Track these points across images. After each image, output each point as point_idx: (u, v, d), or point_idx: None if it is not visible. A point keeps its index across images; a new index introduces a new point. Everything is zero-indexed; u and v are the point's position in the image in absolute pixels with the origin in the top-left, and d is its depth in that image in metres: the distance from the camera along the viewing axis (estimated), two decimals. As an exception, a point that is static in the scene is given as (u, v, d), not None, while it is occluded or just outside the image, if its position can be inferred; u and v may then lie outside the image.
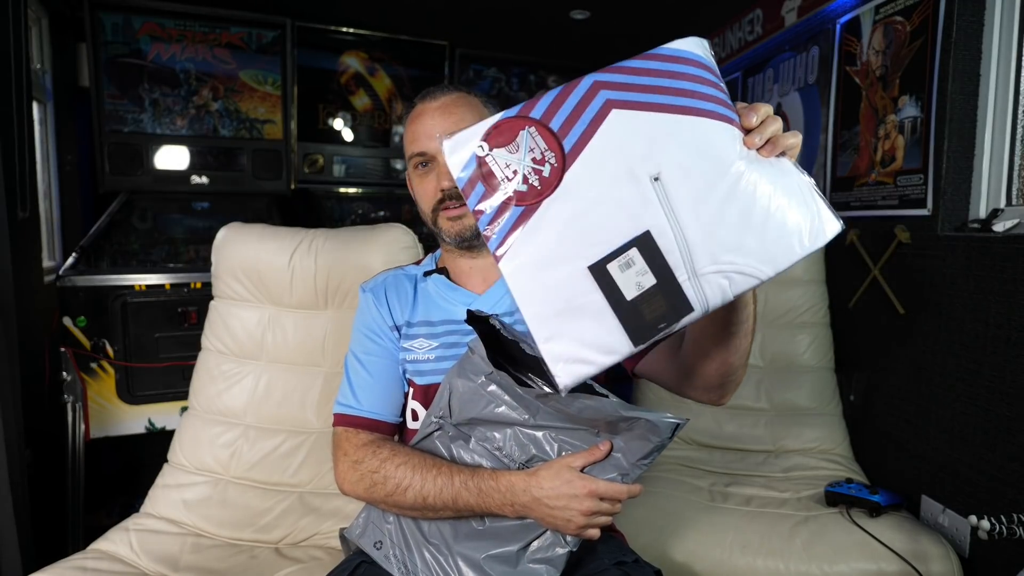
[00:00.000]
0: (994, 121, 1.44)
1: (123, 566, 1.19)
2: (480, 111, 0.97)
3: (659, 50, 0.62)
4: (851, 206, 1.81)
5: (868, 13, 1.74)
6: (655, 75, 0.60)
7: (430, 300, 1.02)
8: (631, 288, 0.58)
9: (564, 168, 0.59)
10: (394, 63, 2.91)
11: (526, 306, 0.59)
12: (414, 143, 0.97)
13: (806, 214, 0.61)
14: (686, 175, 0.59)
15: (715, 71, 0.63)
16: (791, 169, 0.63)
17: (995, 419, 1.32)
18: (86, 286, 2.02)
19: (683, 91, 0.60)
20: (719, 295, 0.59)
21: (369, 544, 0.88)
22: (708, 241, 0.59)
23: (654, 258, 0.58)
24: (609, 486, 0.77)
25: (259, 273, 1.45)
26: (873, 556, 1.27)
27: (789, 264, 0.60)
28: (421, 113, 0.97)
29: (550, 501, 0.77)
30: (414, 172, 0.99)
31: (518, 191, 0.59)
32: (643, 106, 0.60)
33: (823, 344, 1.81)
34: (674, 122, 0.60)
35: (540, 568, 0.79)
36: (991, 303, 1.33)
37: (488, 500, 0.80)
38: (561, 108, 0.60)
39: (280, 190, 2.68)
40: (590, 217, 0.59)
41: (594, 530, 0.80)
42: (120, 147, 2.41)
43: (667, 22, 2.56)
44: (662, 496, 1.48)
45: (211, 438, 1.41)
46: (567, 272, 0.59)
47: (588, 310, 0.59)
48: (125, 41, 2.37)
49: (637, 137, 0.59)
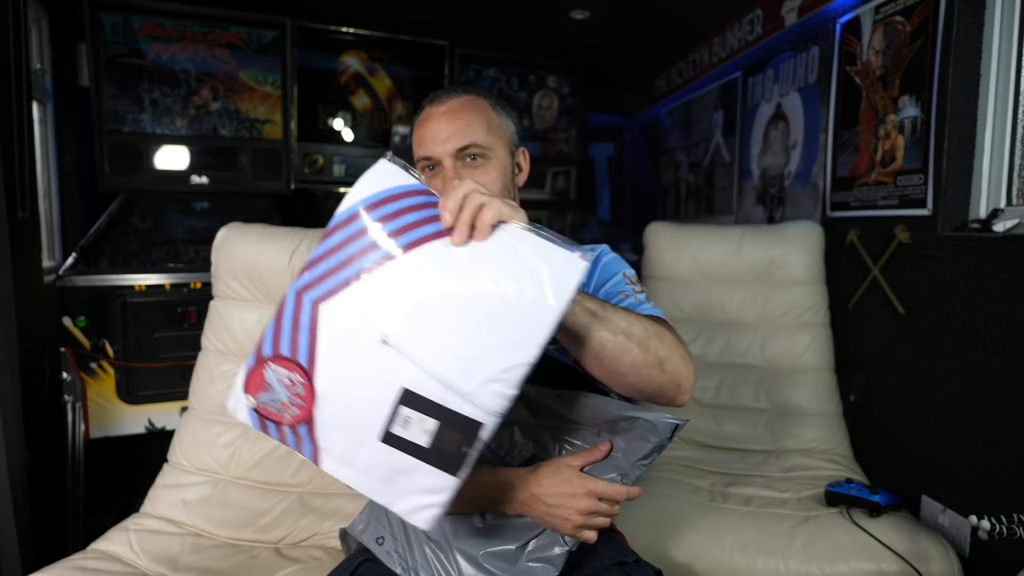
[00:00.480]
0: (994, 121, 1.44)
1: (123, 566, 1.19)
2: (487, 114, 0.96)
3: (333, 220, 0.66)
4: (851, 206, 1.81)
5: (868, 13, 1.74)
6: (338, 250, 0.64)
7: None
8: (422, 437, 0.63)
9: (311, 379, 0.64)
10: (394, 63, 2.91)
11: (360, 488, 0.66)
12: (420, 147, 0.97)
13: (539, 278, 0.62)
14: (406, 323, 0.63)
15: (396, 195, 0.66)
16: (509, 239, 0.64)
17: (995, 419, 1.31)
18: (86, 286, 2.01)
19: (367, 247, 0.64)
20: (500, 399, 0.62)
21: (371, 540, 0.88)
22: (459, 365, 0.62)
23: (424, 405, 0.62)
24: (608, 486, 0.77)
25: (259, 273, 1.45)
26: (873, 556, 1.27)
27: (549, 332, 0.61)
28: (428, 117, 0.96)
29: (548, 499, 0.77)
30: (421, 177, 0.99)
31: (294, 415, 0.65)
32: (340, 287, 0.63)
33: (823, 344, 1.81)
34: (370, 284, 0.63)
35: (538, 567, 0.79)
36: (991, 303, 1.33)
37: (486, 496, 0.80)
38: (281, 333, 0.65)
39: (280, 190, 2.68)
40: (355, 402, 0.64)
41: (591, 532, 0.79)
42: (120, 147, 2.40)
43: (667, 22, 2.56)
44: (662, 496, 1.48)
45: (211, 438, 1.41)
46: (368, 450, 0.64)
47: (403, 469, 0.64)
48: (125, 41, 2.37)
49: (350, 316, 0.63)
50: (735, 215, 2.57)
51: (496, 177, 0.94)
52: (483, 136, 0.94)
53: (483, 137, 0.94)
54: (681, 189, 3.18)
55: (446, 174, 0.93)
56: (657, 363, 0.76)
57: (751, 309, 1.87)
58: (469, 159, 0.93)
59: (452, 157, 0.93)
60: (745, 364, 1.84)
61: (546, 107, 3.25)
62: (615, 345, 0.73)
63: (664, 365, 0.76)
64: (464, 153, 0.93)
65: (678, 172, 3.21)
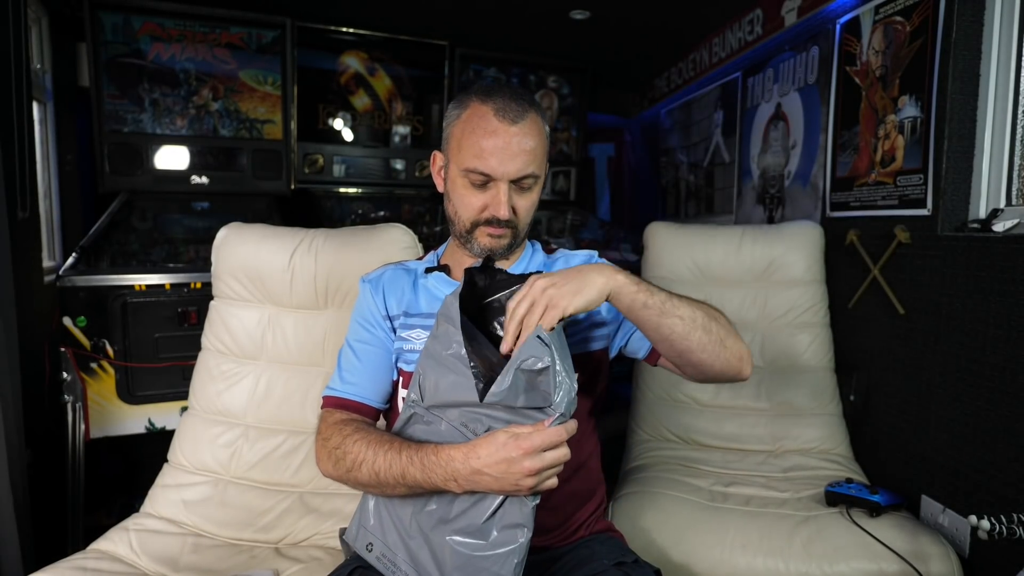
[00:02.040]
0: (994, 121, 1.44)
1: (123, 566, 1.19)
2: (545, 140, 0.99)
3: None
4: (851, 206, 1.81)
5: (868, 13, 1.74)
6: None
7: (430, 294, 1.04)
8: None
9: None
10: (394, 63, 2.91)
11: None
12: (478, 160, 0.93)
13: None
14: None
15: None
16: None
17: (995, 419, 1.32)
18: (86, 286, 2.01)
19: None
20: None
21: (362, 547, 0.88)
22: None
23: None
24: (542, 436, 0.74)
25: (259, 273, 1.45)
26: (873, 556, 1.27)
27: None
28: (495, 131, 0.92)
29: (489, 470, 0.74)
30: (463, 181, 0.97)
31: None
32: None
33: (823, 344, 1.81)
34: None
35: (513, 532, 0.77)
36: (991, 303, 1.33)
37: (432, 474, 0.78)
38: None
39: (280, 190, 2.68)
40: None
41: (550, 482, 0.76)
42: (120, 147, 2.41)
43: (667, 22, 2.56)
44: (661, 496, 1.48)
45: (211, 438, 1.41)
46: None
47: None
48: (125, 41, 2.37)
49: None
50: (735, 215, 2.57)
51: (536, 199, 1.00)
52: (539, 165, 0.97)
53: (539, 166, 0.97)
54: (681, 189, 3.18)
55: (499, 197, 0.95)
56: (719, 341, 0.90)
57: (751, 309, 1.87)
58: (524, 188, 0.97)
59: (509, 181, 0.95)
60: (745, 364, 1.84)
61: (546, 107, 3.25)
62: (683, 328, 0.87)
63: (725, 342, 0.90)
64: (523, 180, 0.96)
65: (678, 172, 3.21)
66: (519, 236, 1.01)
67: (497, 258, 1.00)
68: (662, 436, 1.79)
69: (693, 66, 2.89)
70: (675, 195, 3.25)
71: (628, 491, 1.51)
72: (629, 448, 1.80)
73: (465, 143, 0.95)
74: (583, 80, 3.27)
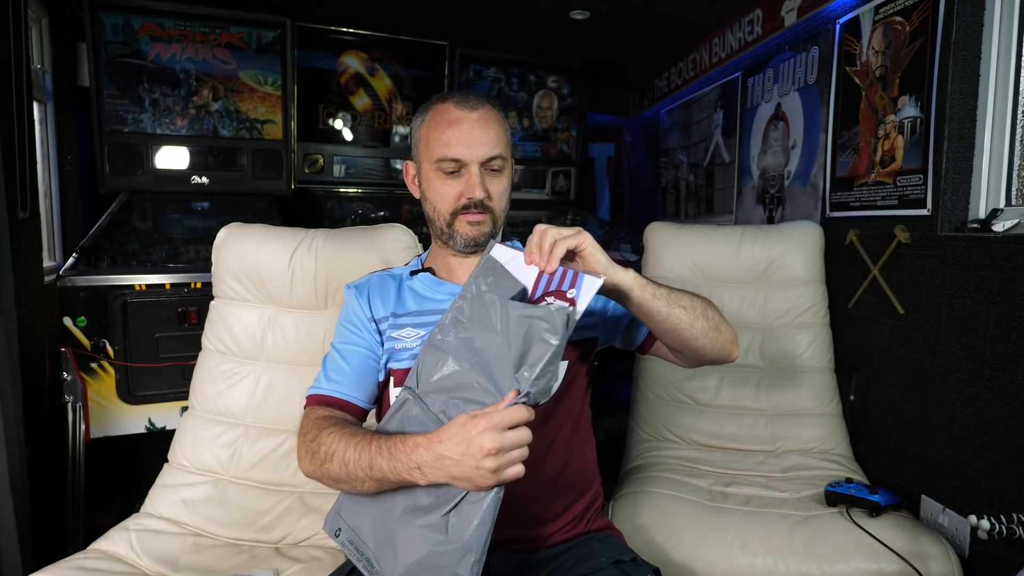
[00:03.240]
0: (994, 121, 1.44)
1: (123, 566, 1.19)
2: (504, 127, 1.04)
3: None
4: (851, 206, 1.81)
5: (868, 13, 1.74)
6: None
7: (417, 295, 1.06)
8: None
9: None
10: (394, 63, 2.91)
11: None
12: (446, 148, 0.99)
13: None
14: None
15: None
16: None
17: (995, 419, 1.32)
18: (86, 286, 2.01)
19: None
20: None
21: (331, 532, 0.88)
22: None
23: None
24: (501, 415, 0.71)
25: (259, 273, 1.45)
26: (873, 556, 1.27)
27: None
28: (458, 120, 0.99)
29: (451, 452, 0.72)
30: (436, 174, 1.01)
31: None
32: None
33: (823, 344, 1.81)
34: None
35: (473, 528, 0.75)
36: (991, 303, 1.33)
37: (398, 464, 0.77)
38: None
39: (280, 190, 2.68)
40: None
41: (513, 469, 0.73)
42: (120, 147, 2.41)
43: (667, 22, 2.56)
44: (661, 495, 1.48)
45: (211, 438, 1.41)
46: None
47: None
48: (125, 41, 2.37)
49: None
50: (735, 215, 2.57)
51: (508, 185, 1.04)
52: (504, 148, 1.03)
53: (504, 149, 1.03)
54: (681, 189, 3.18)
55: (472, 179, 0.99)
56: (715, 327, 0.96)
57: (751, 309, 1.87)
58: (493, 169, 1.01)
59: (479, 164, 0.99)
60: (745, 364, 1.84)
61: (546, 107, 3.25)
62: (688, 317, 0.92)
63: (719, 327, 0.97)
64: (491, 162, 1.00)
65: (678, 172, 3.21)
66: (497, 223, 1.04)
67: (476, 247, 1.03)
68: (662, 436, 1.80)
69: (693, 66, 2.89)
70: (675, 195, 3.25)
71: (628, 491, 1.51)
72: (629, 448, 1.80)
73: (432, 138, 1.01)
74: (583, 80, 3.27)
